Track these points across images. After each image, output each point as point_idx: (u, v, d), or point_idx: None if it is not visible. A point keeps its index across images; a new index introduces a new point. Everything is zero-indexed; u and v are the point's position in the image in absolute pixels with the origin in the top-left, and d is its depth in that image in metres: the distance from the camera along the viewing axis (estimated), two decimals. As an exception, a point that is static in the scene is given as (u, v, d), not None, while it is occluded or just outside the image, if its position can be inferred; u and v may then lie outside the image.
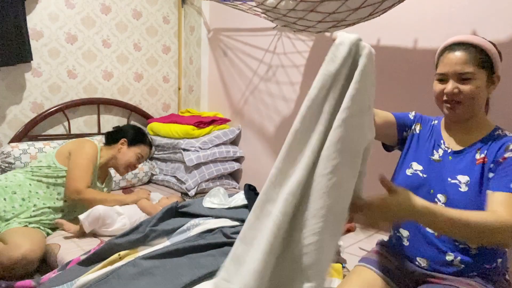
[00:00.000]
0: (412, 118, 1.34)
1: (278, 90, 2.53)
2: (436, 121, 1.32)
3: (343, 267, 1.50)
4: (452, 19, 1.72)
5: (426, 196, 1.17)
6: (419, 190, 1.20)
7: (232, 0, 2.15)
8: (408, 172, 1.25)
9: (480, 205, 1.09)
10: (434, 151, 1.24)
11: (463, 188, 1.13)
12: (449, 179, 1.16)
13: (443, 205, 1.15)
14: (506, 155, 1.09)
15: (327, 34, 2.20)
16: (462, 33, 1.67)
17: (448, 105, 1.16)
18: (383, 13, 1.63)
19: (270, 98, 2.59)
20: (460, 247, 1.14)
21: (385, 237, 1.43)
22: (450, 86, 1.13)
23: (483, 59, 1.12)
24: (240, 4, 2.13)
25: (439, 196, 1.17)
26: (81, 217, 1.75)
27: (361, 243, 1.76)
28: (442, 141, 1.24)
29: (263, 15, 1.93)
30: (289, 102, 2.46)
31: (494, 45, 1.16)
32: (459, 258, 1.13)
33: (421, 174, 1.23)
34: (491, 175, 1.10)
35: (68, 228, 1.79)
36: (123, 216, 1.83)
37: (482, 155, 1.14)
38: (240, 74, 2.81)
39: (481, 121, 1.19)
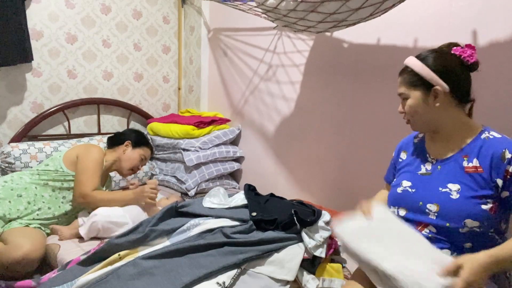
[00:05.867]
0: (395, 158, 1.44)
1: (278, 90, 2.53)
2: (421, 135, 1.39)
3: (343, 267, 1.50)
4: (452, 19, 1.72)
5: (416, 209, 1.23)
6: (409, 205, 1.26)
7: (233, 0, 2.15)
8: (399, 190, 1.30)
9: (474, 211, 1.12)
10: (421, 165, 1.30)
11: (454, 196, 1.16)
12: (440, 189, 1.19)
13: (436, 214, 1.18)
14: (511, 169, 1.11)
15: (328, 33, 2.20)
16: (462, 32, 1.68)
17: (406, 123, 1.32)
18: (383, 13, 1.63)
19: (270, 98, 2.59)
20: (453, 243, 1.17)
21: None
22: (399, 106, 1.31)
23: (412, 79, 1.23)
24: (240, 4, 2.12)
25: (429, 206, 1.20)
26: (81, 231, 1.75)
27: (361, 243, 1.76)
28: (427, 155, 1.30)
29: (263, 15, 1.93)
30: (289, 101, 2.46)
31: (432, 61, 1.21)
32: (455, 254, 1.15)
33: (410, 190, 1.27)
34: (505, 194, 1.12)
35: (64, 236, 1.78)
36: (128, 226, 1.76)
37: (472, 164, 1.16)
38: (240, 74, 2.81)
39: (458, 127, 1.22)
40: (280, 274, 1.31)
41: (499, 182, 1.11)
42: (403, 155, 1.40)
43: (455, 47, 1.22)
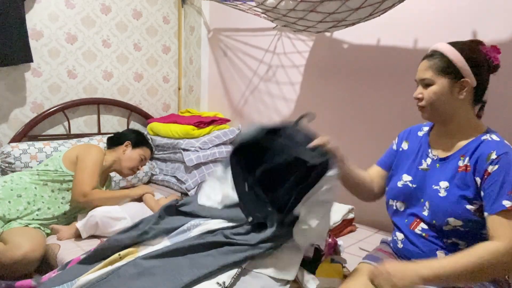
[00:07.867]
0: (395, 147, 1.41)
1: (278, 90, 2.53)
2: (426, 129, 1.35)
3: (343, 267, 1.50)
4: (452, 19, 1.72)
5: (417, 204, 1.24)
6: (411, 200, 1.26)
7: (232, 0, 2.15)
8: (399, 184, 1.30)
9: (458, 210, 1.12)
10: (423, 160, 1.28)
11: (442, 193, 1.17)
12: (433, 186, 1.20)
13: (428, 211, 1.19)
14: (490, 169, 1.09)
15: (327, 34, 2.20)
16: (462, 32, 1.68)
17: (419, 109, 1.25)
18: (383, 13, 1.63)
19: (270, 98, 2.60)
20: (448, 242, 1.17)
21: (388, 237, 1.45)
22: (416, 91, 1.23)
23: (443, 65, 1.16)
24: (240, 4, 2.13)
25: (427, 203, 1.21)
26: (78, 225, 1.75)
27: (361, 243, 1.77)
28: (429, 150, 1.28)
29: (263, 15, 1.93)
30: (289, 102, 2.46)
31: (466, 51, 1.16)
32: (450, 255, 1.14)
33: (410, 185, 1.27)
34: (482, 193, 1.11)
35: (62, 236, 1.78)
36: (126, 221, 1.79)
37: (465, 163, 1.15)
38: (240, 74, 2.81)
39: (466, 125, 1.20)
40: (280, 274, 1.31)
41: (478, 181, 1.11)
42: (405, 145, 1.37)
43: (481, 45, 1.20)
